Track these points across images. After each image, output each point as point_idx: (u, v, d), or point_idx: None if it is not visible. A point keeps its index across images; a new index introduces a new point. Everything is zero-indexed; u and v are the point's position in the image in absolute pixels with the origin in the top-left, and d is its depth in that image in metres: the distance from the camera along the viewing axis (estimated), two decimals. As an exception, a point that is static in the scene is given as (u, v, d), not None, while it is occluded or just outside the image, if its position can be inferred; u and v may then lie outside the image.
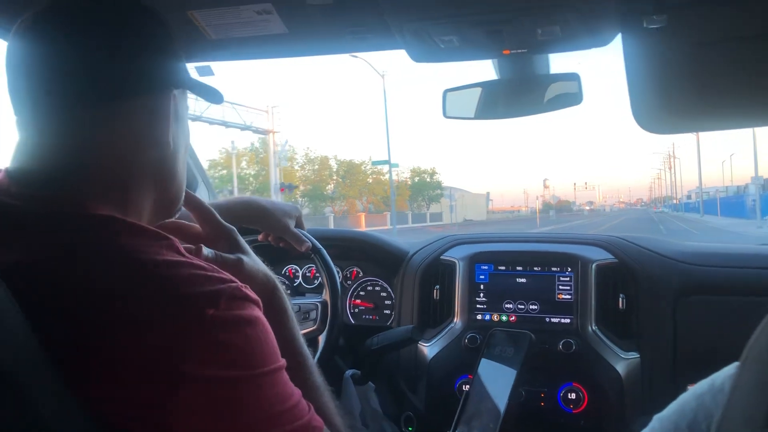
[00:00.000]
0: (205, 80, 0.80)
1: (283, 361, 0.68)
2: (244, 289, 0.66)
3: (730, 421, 0.43)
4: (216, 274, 0.65)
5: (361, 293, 1.79)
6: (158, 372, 0.57)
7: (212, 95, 0.80)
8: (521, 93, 1.31)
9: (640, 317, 1.48)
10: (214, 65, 1.47)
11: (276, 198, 16.16)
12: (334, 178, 43.35)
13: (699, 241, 1.89)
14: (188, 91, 0.79)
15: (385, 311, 1.76)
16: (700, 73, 1.01)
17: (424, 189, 46.73)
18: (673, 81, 1.04)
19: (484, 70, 1.32)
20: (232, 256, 0.82)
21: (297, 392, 0.69)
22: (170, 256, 0.64)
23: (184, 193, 0.80)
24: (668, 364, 1.45)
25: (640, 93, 1.08)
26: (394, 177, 46.38)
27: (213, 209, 0.88)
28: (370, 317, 1.77)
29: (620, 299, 1.49)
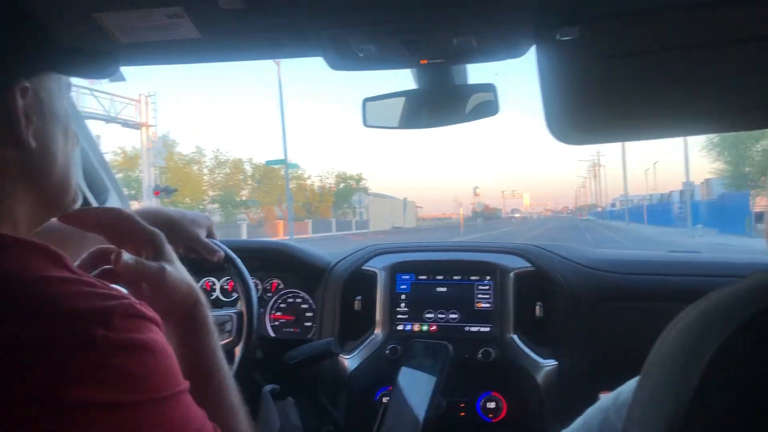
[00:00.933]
0: (116, 86, 0.75)
1: (184, 384, 0.65)
2: (139, 306, 0.63)
3: None
4: (107, 291, 0.61)
5: (282, 305, 1.78)
6: (44, 398, 0.54)
7: (98, 70, 0.75)
8: (440, 103, 1.34)
9: (557, 324, 1.54)
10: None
11: (150, 203, 15.54)
12: (249, 182, 41.18)
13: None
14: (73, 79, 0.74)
15: (306, 323, 1.74)
16: (610, 85, 1.05)
17: (350, 195, 44.80)
18: (585, 92, 1.08)
19: (403, 78, 1.34)
20: (154, 264, 0.79)
21: (200, 415, 0.67)
22: (57, 272, 0.61)
23: (72, 188, 0.76)
24: (585, 371, 1.50)
25: (552, 104, 1.11)
26: (318, 183, 45.19)
27: (133, 214, 0.84)
28: (291, 330, 1.76)
29: (537, 307, 1.55)
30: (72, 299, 0.58)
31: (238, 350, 1.34)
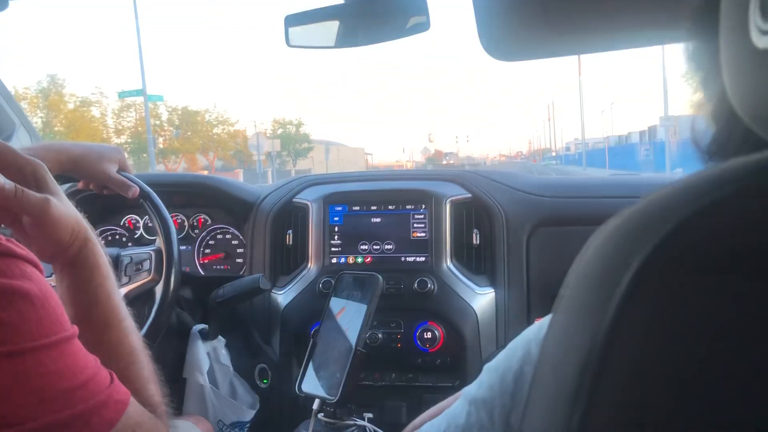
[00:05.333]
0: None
1: (71, 330, 0.64)
2: (6, 242, 0.60)
3: (541, 371, 0.41)
4: None
5: (210, 242, 1.78)
6: None
7: None
8: (370, 19, 1.34)
9: (495, 252, 1.58)
10: None
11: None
12: (166, 128, 37.75)
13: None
14: None
15: (237, 260, 1.76)
16: None
17: (289, 142, 43.64)
18: (521, 3, 1.10)
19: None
20: (37, 194, 0.73)
21: (92, 363, 0.65)
22: None
23: None
24: (522, 299, 1.56)
25: (487, 18, 1.12)
26: (252, 129, 43.44)
27: (10, 145, 0.77)
28: (222, 267, 1.77)
29: (474, 234, 1.60)
30: None
31: (158, 289, 1.34)
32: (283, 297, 1.62)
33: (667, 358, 0.30)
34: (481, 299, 1.55)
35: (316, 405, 1.19)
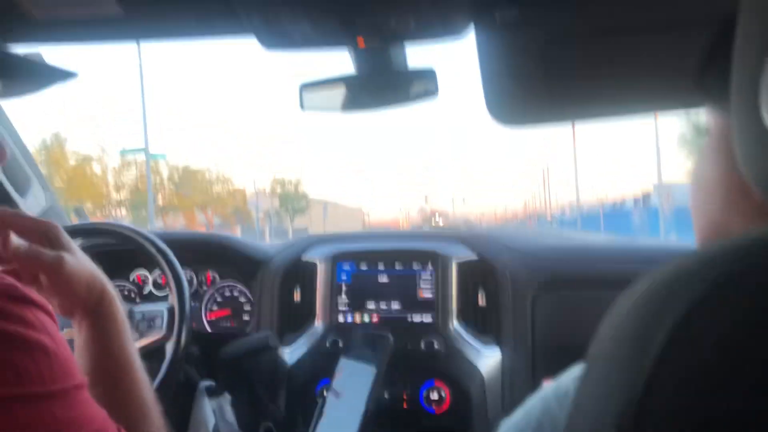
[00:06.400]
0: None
1: (81, 379, 0.64)
2: (22, 288, 0.61)
3: (574, 429, 0.41)
4: None
5: (218, 299, 1.80)
6: None
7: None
8: (380, 87, 1.40)
9: (500, 313, 1.61)
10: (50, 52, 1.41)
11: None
12: (167, 186, 38.04)
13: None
14: None
15: (243, 317, 1.78)
16: (549, 67, 1.10)
17: (287, 201, 44.22)
18: (524, 75, 1.14)
19: (340, 64, 1.39)
20: (50, 252, 0.76)
21: (100, 416, 0.65)
22: None
23: None
24: (528, 360, 1.57)
25: (491, 86, 1.16)
26: (252, 187, 43.33)
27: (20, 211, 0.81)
28: (228, 324, 1.79)
29: (480, 295, 1.63)
30: None
31: (169, 347, 1.36)
32: (289, 355, 1.64)
33: (701, 413, 0.31)
34: (487, 360, 1.56)
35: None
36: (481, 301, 1.63)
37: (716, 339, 0.32)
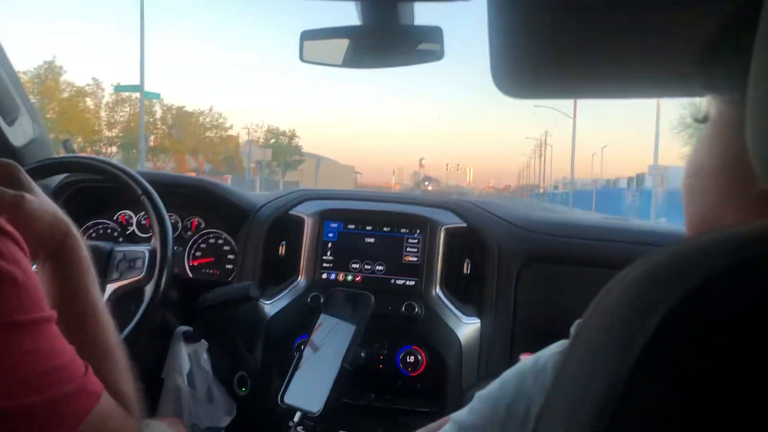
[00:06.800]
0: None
1: (50, 313, 0.64)
2: None
3: (553, 408, 0.41)
4: None
5: (202, 245, 1.79)
6: None
7: None
8: (385, 42, 1.36)
9: (484, 283, 1.61)
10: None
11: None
12: (159, 126, 37.08)
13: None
14: None
15: (227, 266, 1.76)
16: (562, 38, 1.08)
17: (281, 153, 43.27)
18: (534, 44, 1.11)
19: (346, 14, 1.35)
20: (11, 191, 0.76)
21: (69, 350, 0.66)
22: None
23: None
24: (507, 332, 1.58)
25: (500, 53, 1.13)
26: (244, 135, 42.50)
27: None
28: (211, 271, 1.77)
29: (466, 264, 1.62)
30: None
31: (148, 289, 1.35)
32: (270, 307, 1.63)
33: (685, 407, 0.30)
34: (466, 328, 1.57)
35: (296, 418, 1.19)
36: (466, 269, 1.62)
37: (705, 333, 0.31)
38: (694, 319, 0.32)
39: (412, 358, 1.55)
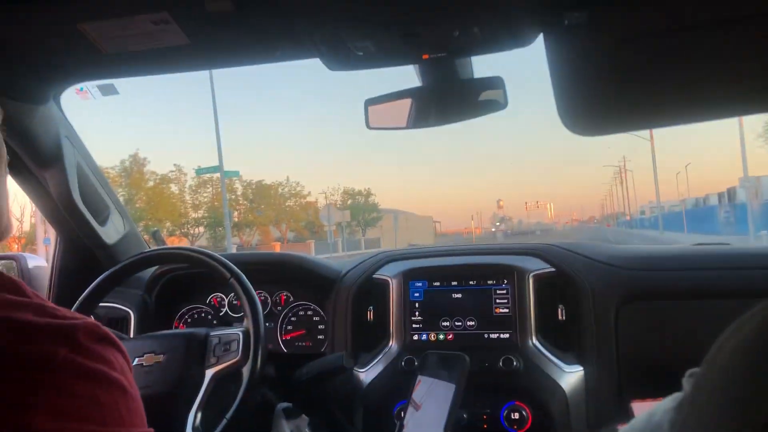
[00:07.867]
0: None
1: (149, 430, 0.64)
2: (104, 327, 0.62)
3: None
4: (70, 313, 0.61)
5: (293, 319, 1.81)
6: (8, 428, 0.52)
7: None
8: (447, 99, 1.37)
9: (581, 328, 1.54)
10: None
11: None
12: (241, 202, 38.54)
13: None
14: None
15: (318, 336, 1.77)
16: (623, 70, 1.04)
17: (358, 212, 44.10)
18: (597, 80, 1.07)
19: (407, 77, 1.37)
20: None
21: None
22: (12, 296, 0.61)
23: (4, 215, 0.74)
24: (613, 376, 1.50)
25: (565, 94, 1.11)
26: (322, 200, 43.58)
27: None
28: (303, 344, 1.79)
29: (560, 310, 1.57)
30: (31, 321, 0.58)
31: (245, 370, 1.37)
32: (365, 375, 1.62)
33: None
34: (570, 377, 1.50)
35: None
36: (561, 315, 1.57)
37: None
38: None
39: (516, 415, 1.49)
